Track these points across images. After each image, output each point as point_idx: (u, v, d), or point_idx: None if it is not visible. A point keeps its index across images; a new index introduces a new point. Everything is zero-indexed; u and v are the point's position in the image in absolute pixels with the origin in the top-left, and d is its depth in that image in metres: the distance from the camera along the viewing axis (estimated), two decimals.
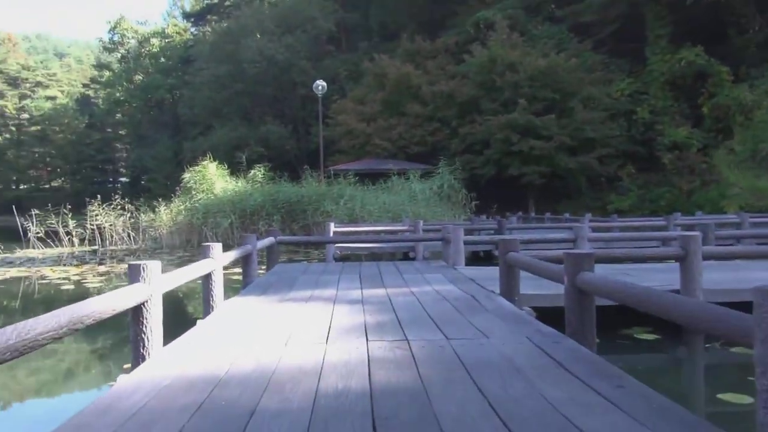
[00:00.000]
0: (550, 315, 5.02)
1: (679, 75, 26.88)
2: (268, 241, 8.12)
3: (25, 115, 74.18)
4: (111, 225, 18.51)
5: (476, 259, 12.91)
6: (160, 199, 19.54)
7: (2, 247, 16.25)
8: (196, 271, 4.50)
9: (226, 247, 11.10)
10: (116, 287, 3.22)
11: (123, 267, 12.60)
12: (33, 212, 17.35)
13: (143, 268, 3.33)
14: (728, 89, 25.41)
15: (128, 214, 18.89)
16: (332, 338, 3.63)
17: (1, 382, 4.84)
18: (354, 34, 42.42)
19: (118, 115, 65.47)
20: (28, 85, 78.36)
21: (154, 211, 19.16)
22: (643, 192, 26.98)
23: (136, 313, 3.31)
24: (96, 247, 17.80)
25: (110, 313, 2.80)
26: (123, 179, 71.76)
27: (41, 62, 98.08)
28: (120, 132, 69.89)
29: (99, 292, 7.84)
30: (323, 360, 3.09)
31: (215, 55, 40.76)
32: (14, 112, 74.31)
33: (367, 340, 3.55)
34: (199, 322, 4.43)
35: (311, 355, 3.21)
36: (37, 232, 16.78)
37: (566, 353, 3.11)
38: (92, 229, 18.07)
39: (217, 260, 5.03)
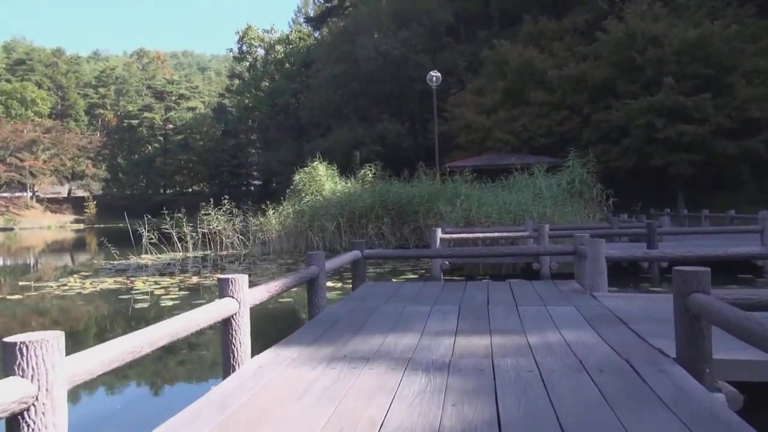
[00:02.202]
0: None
1: None
2: (352, 255, 6.60)
3: (170, 126, 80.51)
4: (222, 229, 18.24)
5: (617, 269, 10.53)
6: (267, 202, 18.98)
7: (117, 253, 16.44)
8: (195, 321, 3.02)
9: (334, 253, 9.71)
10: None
11: (218, 277, 11.81)
12: (146, 217, 17.46)
13: (22, 349, 1.87)
14: None
15: (237, 218, 18.50)
16: None
17: None
18: (473, 23, 40.17)
19: (250, 122, 68.68)
20: (172, 97, 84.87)
21: (264, 214, 18.63)
22: None
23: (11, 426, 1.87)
24: (207, 253, 17.56)
25: None
26: (255, 182, 75.50)
27: (185, 76, 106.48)
28: (251, 137, 73.42)
29: (165, 313, 6.86)
30: None
31: (332, 56, 40.63)
32: (161, 123, 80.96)
33: None
34: (213, 389, 3.00)
35: None
36: (150, 238, 16.83)
37: None
38: (203, 234, 17.90)
39: (242, 300, 3.54)
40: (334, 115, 41.73)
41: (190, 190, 78.63)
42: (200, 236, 17.75)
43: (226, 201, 18.47)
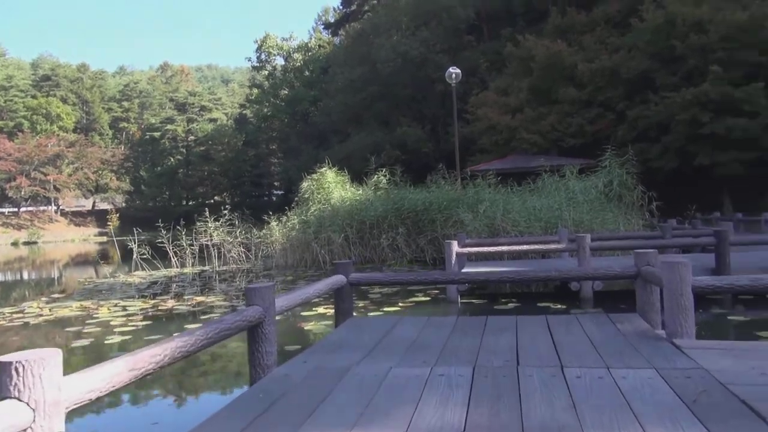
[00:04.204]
0: None
1: None
2: (330, 283, 4.87)
3: (192, 137, 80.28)
4: (223, 242, 16.74)
5: None
6: (270, 213, 17.37)
7: (108, 270, 15.02)
8: None
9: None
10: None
11: (199, 300, 10.22)
12: (135, 230, 16.02)
13: None
14: None
15: (239, 230, 16.95)
16: None
17: None
18: (495, 21, 38.33)
19: (274, 133, 67.86)
20: (194, 109, 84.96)
21: (266, 226, 17.05)
22: None
23: None
24: (206, 268, 16.04)
25: None
26: (277, 192, 74.57)
27: (208, 89, 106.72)
28: (272, 146, 72.77)
29: (101, 356, 5.23)
30: None
31: (349, 59, 39.21)
32: (183, 135, 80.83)
33: None
34: None
35: None
36: (142, 253, 15.39)
37: None
38: (204, 247, 16.43)
39: (40, 400, 1.83)
40: (353, 121, 40.27)
41: (212, 201, 78.15)
42: (198, 250, 16.25)
43: (226, 211, 16.92)
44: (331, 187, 17.56)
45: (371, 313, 7.67)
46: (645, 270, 4.49)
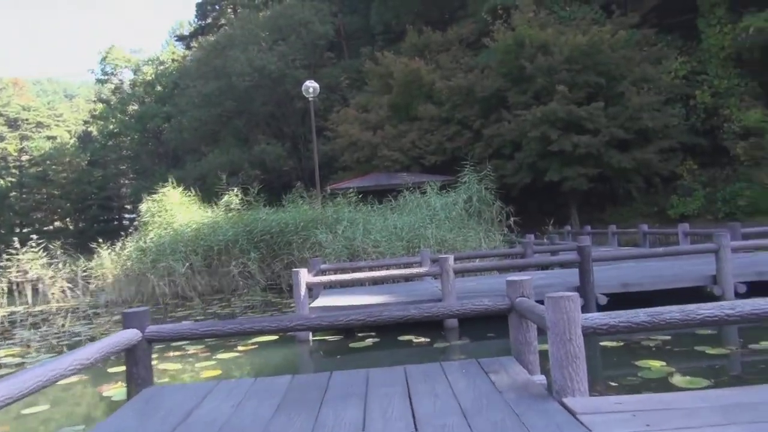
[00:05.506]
0: None
1: (744, 47, 21.95)
2: (116, 343, 3.48)
3: (26, 157, 71.63)
4: (41, 276, 14.14)
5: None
6: (100, 240, 14.99)
7: None
8: None
9: (184, 301, 6.49)
10: None
11: None
12: None
13: None
14: None
15: (61, 261, 14.45)
16: None
17: None
18: (355, 39, 38.25)
19: (124, 152, 62.47)
20: (29, 126, 76.17)
21: (96, 255, 14.67)
22: (711, 191, 22.01)
23: None
24: (17, 309, 13.38)
25: None
26: (130, 216, 68.46)
27: (48, 103, 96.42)
28: (121, 167, 67.09)
29: None
30: None
31: (202, 72, 36.78)
32: (15, 153, 71.86)
33: None
34: None
35: None
36: None
37: None
38: (13, 283, 13.75)
39: None
40: (208, 138, 37.83)
41: (51, 227, 70.09)
42: (7, 288, 13.55)
43: (34, 240, 14.36)
44: (175, 209, 15.59)
45: (200, 363, 6.25)
46: (520, 304, 3.65)
